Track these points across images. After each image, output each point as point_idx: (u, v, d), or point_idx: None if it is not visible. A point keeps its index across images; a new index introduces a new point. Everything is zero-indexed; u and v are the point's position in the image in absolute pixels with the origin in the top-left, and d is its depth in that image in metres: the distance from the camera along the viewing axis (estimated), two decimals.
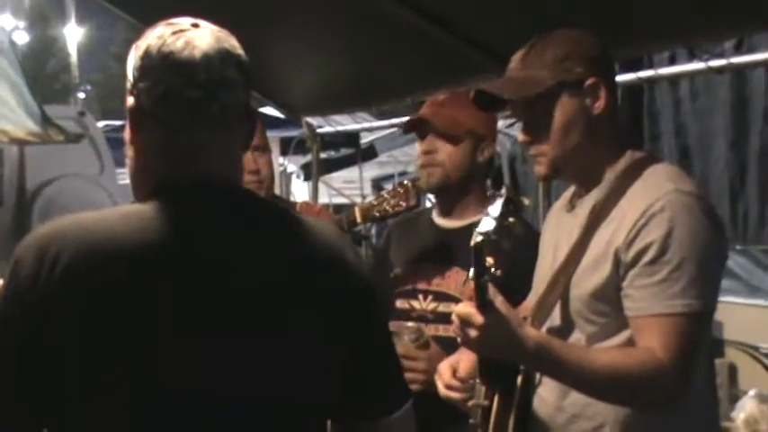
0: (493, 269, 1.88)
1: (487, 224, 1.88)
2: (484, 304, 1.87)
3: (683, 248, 1.91)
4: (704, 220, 1.95)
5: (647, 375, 1.90)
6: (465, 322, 1.89)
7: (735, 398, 4.21)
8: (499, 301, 1.89)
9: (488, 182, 2.90)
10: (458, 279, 2.68)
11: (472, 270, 1.85)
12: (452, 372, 2.28)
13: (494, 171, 2.89)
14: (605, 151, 2.10)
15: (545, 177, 2.17)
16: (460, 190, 2.77)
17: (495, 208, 1.91)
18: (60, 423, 1.50)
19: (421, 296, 2.78)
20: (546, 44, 2.11)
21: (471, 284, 2.58)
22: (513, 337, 1.88)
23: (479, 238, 1.86)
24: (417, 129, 2.87)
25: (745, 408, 3.95)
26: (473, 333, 1.88)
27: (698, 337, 1.94)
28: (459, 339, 1.95)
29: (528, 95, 2.08)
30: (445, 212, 2.84)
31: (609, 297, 1.99)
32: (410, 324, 2.74)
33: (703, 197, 2.01)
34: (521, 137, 2.15)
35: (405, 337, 2.68)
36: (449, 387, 2.28)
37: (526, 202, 2.57)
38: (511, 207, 1.94)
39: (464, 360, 2.25)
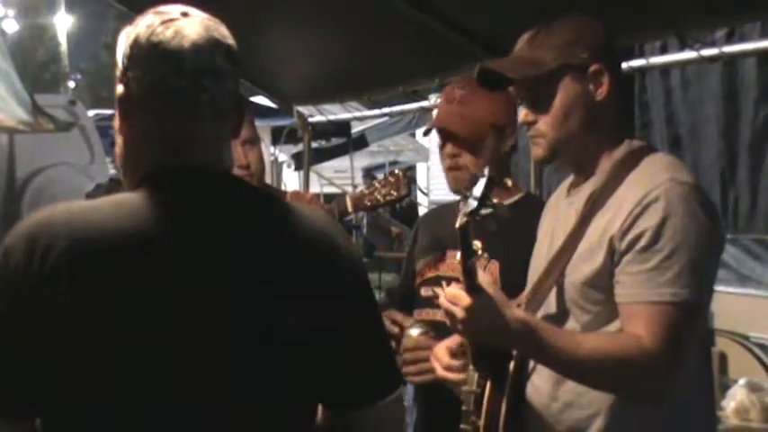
0: (480, 251, 1.88)
1: (471, 205, 1.88)
2: (472, 287, 1.86)
3: (676, 238, 1.91)
4: (699, 210, 1.95)
5: (631, 363, 1.90)
6: (452, 304, 1.88)
7: (725, 387, 4.21)
8: (487, 282, 1.89)
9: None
10: (481, 264, 2.66)
11: (459, 252, 1.85)
12: (449, 353, 2.28)
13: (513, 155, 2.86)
14: (604, 139, 2.10)
15: (542, 160, 2.17)
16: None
17: (478, 189, 1.90)
18: (53, 414, 1.50)
19: (445, 283, 2.76)
20: (553, 28, 2.11)
21: (491, 269, 2.58)
22: (499, 319, 1.88)
23: (464, 220, 1.85)
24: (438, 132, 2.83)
25: (736, 397, 3.95)
26: (460, 315, 1.88)
27: (686, 328, 1.93)
28: (447, 322, 1.94)
29: (532, 75, 2.08)
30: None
31: (603, 285, 1.99)
32: (417, 324, 2.74)
33: (700, 188, 2.01)
34: (522, 116, 2.16)
35: (412, 332, 2.69)
36: (447, 368, 2.28)
37: (509, 182, 2.56)
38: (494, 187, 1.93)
39: (455, 339, 2.25)
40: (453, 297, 1.89)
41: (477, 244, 1.88)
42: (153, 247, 1.50)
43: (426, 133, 2.95)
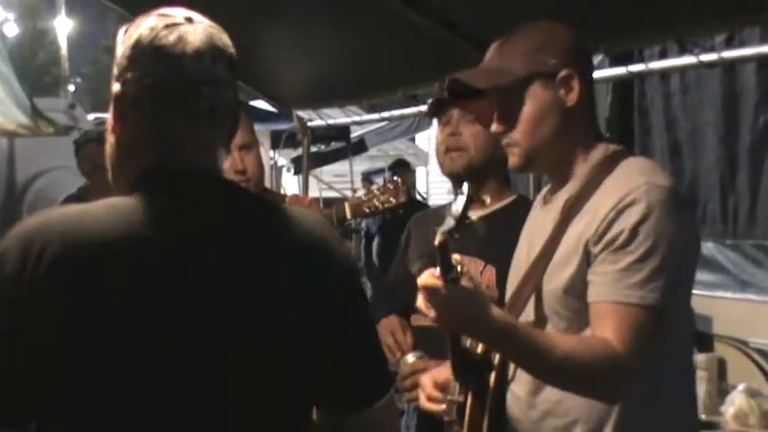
0: (459, 267, 1.86)
1: (449, 224, 1.88)
2: (450, 278, 1.84)
3: (649, 241, 1.90)
4: (675, 214, 1.93)
5: (601, 367, 1.89)
6: (429, 293, 1.86)
7: (724, 392, 4.20)
8: (466, 275, 1.87)
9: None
10: (475, 268, 2.67)
11: (438, 269, 1.84)
12: (433, 384, 2.27)
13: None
14: (578, 143, 2.09)
15: (518, 168, 2.16)
16: (480, 178, 2.74)
17: (458, 207, 1.91)
18: (50, 419, 1.49)
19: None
20: (521, 35, 2.11)
21: (488, 274, 2.58)
22: (474, 315, 1.87)
23: (442, 238, 1.85)
24: (442, 111, 2.84)
25: (735, 402, 3.94)
26: (435, 306, 1.86)
27: (653, 331, 1.91)
28: (421, 311, 1.91)
29: (499, 85, 2.08)
30: None
31: (579, 291, 1.98)
32: (413, 351, 2.76)
33: (677, 191, 2.00)
34: (493, 126, 2.14)
35: (408, 358, 2.70)
36: (430, 398, 2.27)
37: (488, 200, 2.58)
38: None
39: (444, 371, 2.25)
40: (430, 286, 1.86)
41: (457, 258, 1.87)
42: (148, 251, 1.49)
43: (431, 110, 2.92)
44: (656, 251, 1.90)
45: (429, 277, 1.87)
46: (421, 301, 1.89)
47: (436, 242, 1.83)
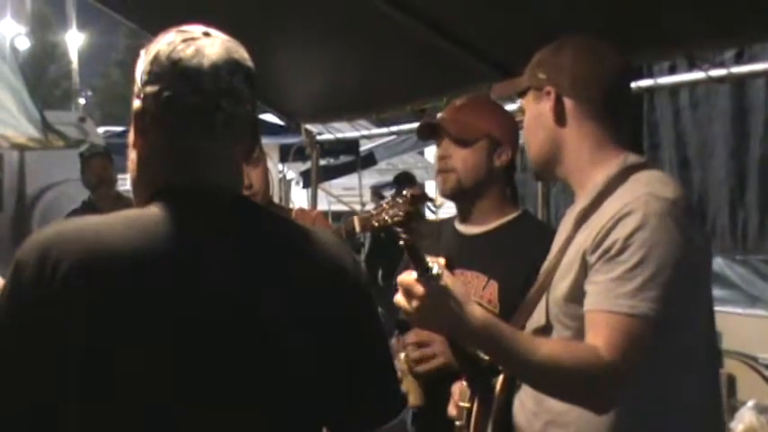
0: (436, 267, 1.85)
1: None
2: (426, 276, 1.83)
3: (643, 251, 1.90)
4: (673, 226, 1.92)
5: (582, 373, 1.88)
6: (407, 292, 1.85)
7: (733, 409, 4.20)
8: (446, 275, 1.86)
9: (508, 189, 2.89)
10: (477, 284, 2.68)
11: (414, 271, 1.83)
12: (462, 394, 2.27)
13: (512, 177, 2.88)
14: (581, 158, 2.11)
15: (533, 176, 2.26)
16: (476, 195, 2.75)
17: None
18: (60, 428, 1.50)
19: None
20: (544, 49, 2.16)
21: (490, 289, 2.60)
22: (454, 312, 1.85)
23: (405, 237, 1.83)
24: (432, 134, 2.87)
25: (744, 419, 3.94)
26: (414, 303, 1.85)
27: (644, 341, 1.89)
28: (402, 311, 1.91)
29: (504, 94, 2.22)
30: (464, 218, 2.82)
31: (579, 300, 1.98)
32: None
33: (680, 204, 1.97)
34: (522, 138, 2.25)
35: (402, 354, 2.70)
36: (455, 406, 2.28)
37: (439, 201, 2.61)
38: (425, 205, 1.94)
39: None
40: (407, 284, 1.85)
41: (441, 261, 1.87)
42: (163, 264, 1.50)
43: (421, 132, 2.95)
44: (648, 261, 1.89)
45: (407, 275, 1.86)
46: (399, 298, 1.88)
47: (401, 242, 1.82)
